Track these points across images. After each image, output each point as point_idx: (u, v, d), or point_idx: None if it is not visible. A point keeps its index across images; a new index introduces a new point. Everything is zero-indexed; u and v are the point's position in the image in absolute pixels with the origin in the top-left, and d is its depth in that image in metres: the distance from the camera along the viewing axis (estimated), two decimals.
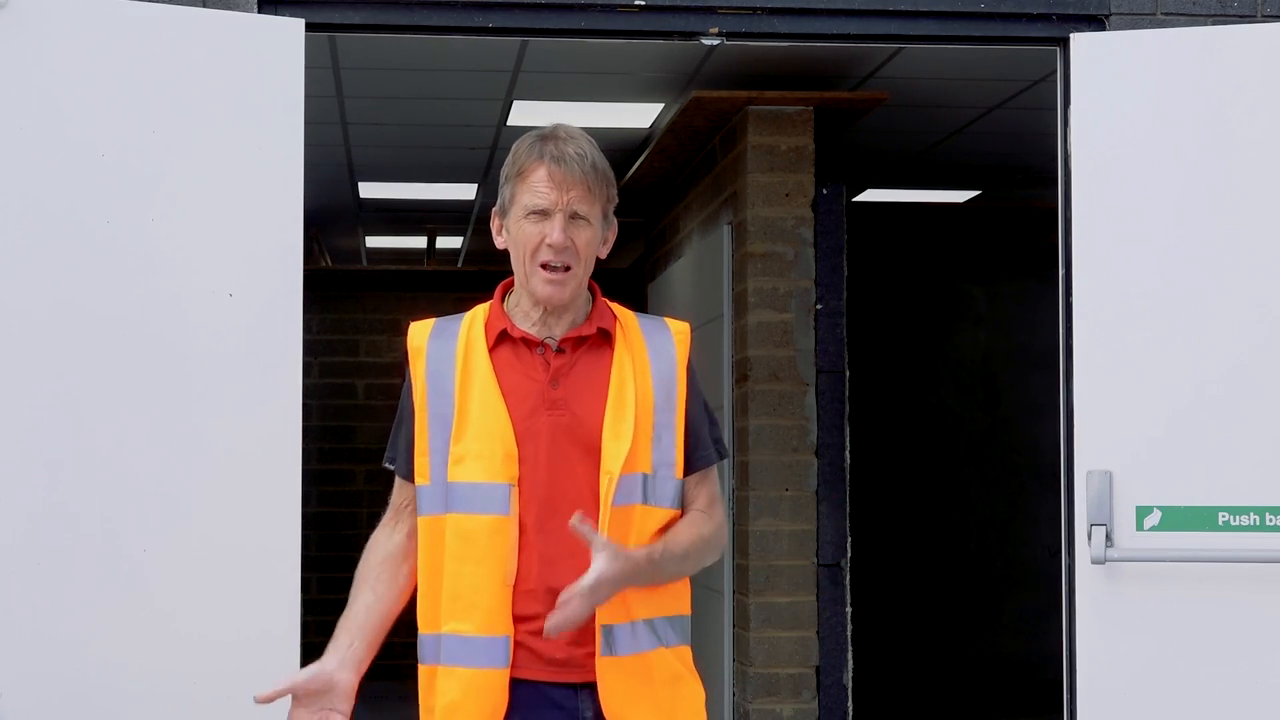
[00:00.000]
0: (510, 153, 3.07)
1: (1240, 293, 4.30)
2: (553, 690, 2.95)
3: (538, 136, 3.04)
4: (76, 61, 4.07)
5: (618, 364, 3.03)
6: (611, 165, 3.12)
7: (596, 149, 3.04)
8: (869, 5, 4.55)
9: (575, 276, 3.01)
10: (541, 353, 3.02)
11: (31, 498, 4.00)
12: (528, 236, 3.00)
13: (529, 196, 3.00)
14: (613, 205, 3.07)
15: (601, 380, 3.02)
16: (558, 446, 2.97)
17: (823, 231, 7.07)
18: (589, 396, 3.00)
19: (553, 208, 2.98)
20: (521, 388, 3.00)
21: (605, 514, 2.94)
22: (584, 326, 3.05)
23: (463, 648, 2.93)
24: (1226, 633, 4.26)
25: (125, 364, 4.07)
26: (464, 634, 2.93)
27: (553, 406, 2.99)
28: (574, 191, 2.98)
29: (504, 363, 3.02)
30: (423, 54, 6.77)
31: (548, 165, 2.99)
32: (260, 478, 4.15)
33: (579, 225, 3.00)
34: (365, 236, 11.83)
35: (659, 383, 3.04)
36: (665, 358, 3.07)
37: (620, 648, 2.94)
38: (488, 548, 2.93)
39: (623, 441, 2.97)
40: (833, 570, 6.97)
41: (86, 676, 4.00)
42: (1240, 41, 4.37)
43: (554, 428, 2.98)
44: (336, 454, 11.88)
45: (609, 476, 2.95)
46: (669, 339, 3.10)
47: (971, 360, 10.90)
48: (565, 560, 2.93)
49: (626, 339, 3.06)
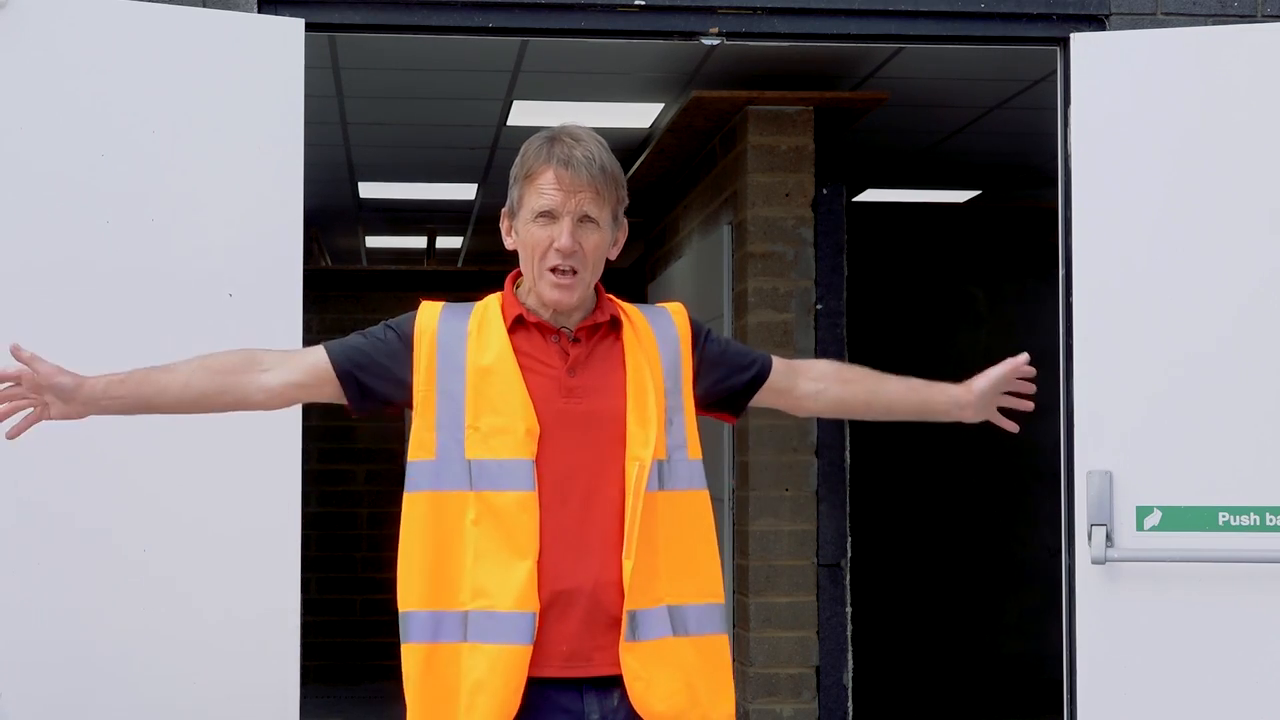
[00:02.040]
0: (519, 153, 3.05)
1: (1240, 293, 4.30)
2: (559, 693, 2.93)
3: (547, 138, 3.02)
4: (76, 61, 4.07)
5: (630, 352, 3.03)
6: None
7: (606, 150, 3.02)
8: (869, 5, 4.55)
9: (583, 280, 3.00)
10: (557, 340, 3.02)
11: (32, 498, 4.00)
12: (536, 239, 2.99)
13: (537, 199, 2.99)
14: (623, 206, 3.07)
15: (617, 369, 3.02)
16: (572, 435, 2.96)
17: (823, 231, 7.07)
18: (605, 386, 3.00)
19: (560, 211, 2.97)
20: (538, 374, 2.99)
21: (638, 503, 2.93)
22: (596, 314, 3.05)
23: (491, 623, 2.89)
24: (1227, 633, 4.26)
25: (126, 364, 4.06)
26: (494, 610, 2.89)
27: (569, 394, 2.98)
28: (582, 195, 2.97)
29: (520, 347, 3.01)
30: (423, 54, 6.77)
31: (555, 168, 2.97)
32: (260, 478, 4.14)
33: (587, 228, 2.99)
34: (365, 236, 11.83)
35: (667, 367, 3.05)
36: (669, 340, 3.08)
37: (642, 633, 2.92)
38: (516, 523, 2.91)
39: (649, 429, 2.97)
40: (833, 570, 6.97)
41: (87, 674, 4.00)
42: (1240, 41, 4.37)
43: (570, 416, 2.97)
44: (336, 454, 11.88)
45: (639, 463, 2.95)
46: (669, 320, 3.11)
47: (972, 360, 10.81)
48: (576, 553, 2.93)
49: (634, 328, 3.07)
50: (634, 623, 2.92)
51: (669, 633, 2.95)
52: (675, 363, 3.07)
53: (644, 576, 2.94)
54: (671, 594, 2.97)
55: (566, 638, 2.92)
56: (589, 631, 2.93)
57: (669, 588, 2.97)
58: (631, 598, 2.92)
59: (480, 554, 2.92)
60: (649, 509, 2.96)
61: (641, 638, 2.93)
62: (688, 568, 3.02)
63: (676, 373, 3.07)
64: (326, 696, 10.30)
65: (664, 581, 2.96)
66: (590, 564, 2.92)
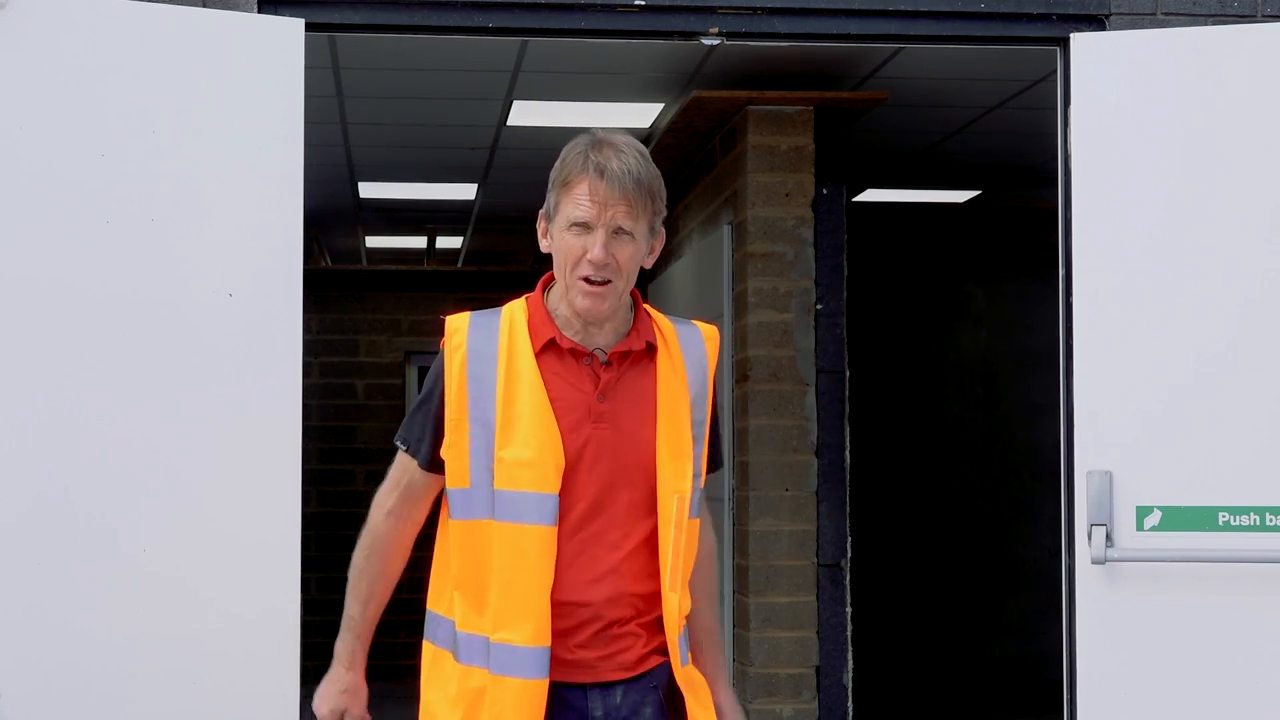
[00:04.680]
0: (560, 157, 3.02)
1: (1240, 292, 4.30)
2: (563, 690, 2.97)
3: (587, 145, 2.99)
4: (76, 61, 4.07)
5: (663, 381, 3.03)
6: None
7: (645, 160, 2.99)
8: (869, 5, 4.55)
9: (615, 290, 3.00)
10: (589, 364, 3.01)
11: (32, 498, 3.99)
12: (570, 248, 2.98)
13: (572, 209, 2.97)
14: (660, 218, 3.04)
15: (648, 397, 3.02)
16: (600, 461, 2.98)
17: (823, 231, 7.07)
18: (636, 413, 3.01)
19: (595, 223, 2.96)
20: (568, 398, 2.99)
21: (681, 535, 2.99)
22: (631, 339, 3.04)
23: (512, 658, 2.93)
24: (1227, 633, 4.25)
25: (126, 364, 4.06)
26: (514, 644, 2.93)
27: (599, 420, 2.99)
28: (617, 208, 2.95)
29: (550, 370, 3.00)
30: (423, 54, 6.77)
31: (591, 179, 2.95)
32: (260, 478, 4.14)
33: (622, 240, 2.97)
34: (365, 236, 11.83)
35: (694, 394, 3.07)
36: (699, 367, 3.09)
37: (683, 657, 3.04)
38: (539, 559, 2.94)
39: (685, 461, 2.99)
40: (833, 570, 6.97)
41: (87, 673, 4.00)
42: (1240, 41, 4.37)
43: (599, 442, 2.98)
44: (336, 454, 11.88)
45: (678, 496, 2.98)
46: (701, 345, 3.11)
47: (971, 360, 10.90)
48: (592, 574, 2.97)
49: (669, 353, 3.06)
50: (681, 647, 3.03)
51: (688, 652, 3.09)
52: (702, 389, 3.08)
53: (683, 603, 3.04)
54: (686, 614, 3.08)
55: (573, 649, 2.98)
56: (596, 645, 2.99)
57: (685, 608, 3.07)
58: (677, 625, 3.00)
59: (505, 585, 2.95)
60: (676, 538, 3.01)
61: (684, 662, 3.04)
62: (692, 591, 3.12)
63: (702, 399, 3.08)
64: None
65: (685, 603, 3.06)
66: (603, 589, 2.97)
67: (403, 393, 12.14)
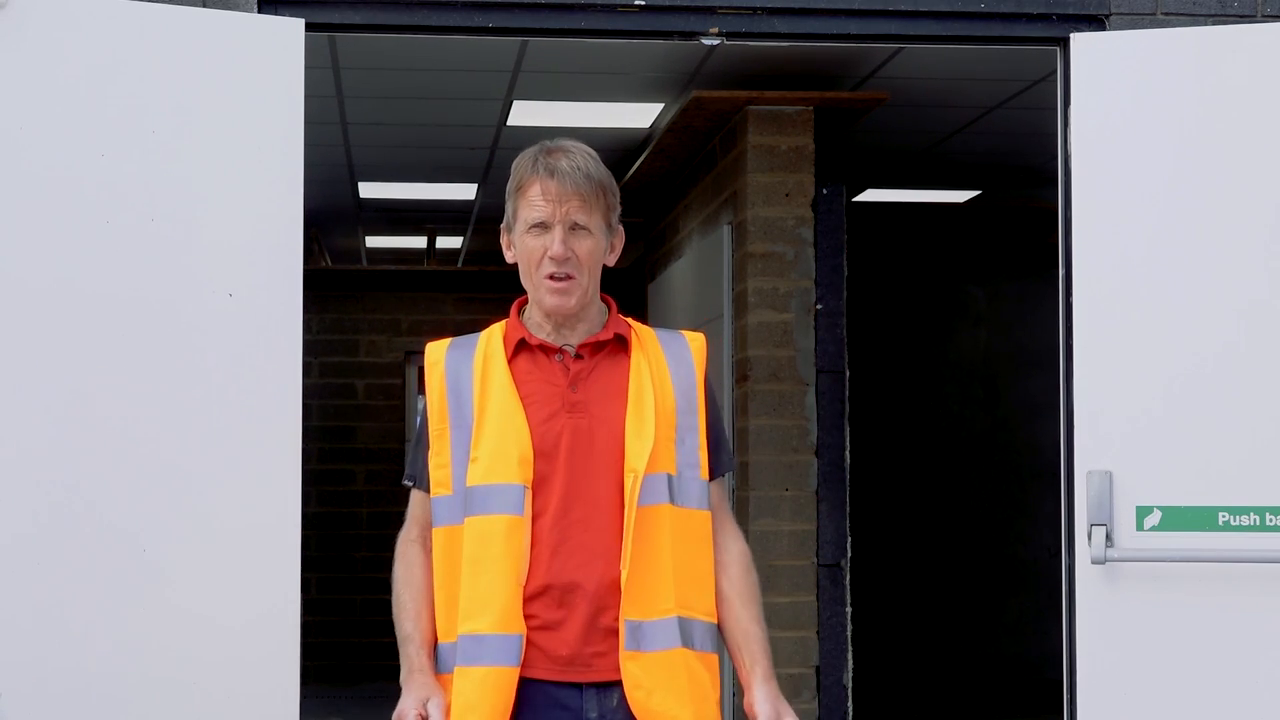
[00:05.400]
0: (512, 169, 3.13)
1: (1240, 292, 4.30)
2: (558, 690, 2.98)
3: (536, 151, 3.10)
4: (76, 61, 4.07)
5: (635, 368, 3.09)
6: (611, 165, 3.14)
7: (594, 160, 3.09)
8: (869, 5, 4.55)
9: (580, 285, 3.06)
10: (560, 359, 3.08)
11: (33, 498, 3.99)
12: (531, 250, 3.07)
13: (528, 211, 3.07)
14: (615, 214, 3.13)
15: (620, 384, 3.08)
16: (577, 448, 3.03)
17: (823, 231, 7.07)
18: (608, 399, 3.06)
19: (551, 220, 3.05)
20: (541, 393, 3.06)
21: (631, 513, 2.99)
22: (601, 333, 3.11)
23: (477, 647, 2.97)
24: (1227, 633, 4.25)
25: (126, 364, 4.06)
26: (479, 633, 2.96)
27: (572, 409, 3.05)
28: (570, 203, 3.04)
29: (523, 370, 3.08)
30: (423, 54, 6.77)
31: (542, 179, 3.05)
32: (260, 477, 4.14)
33: (579, 235, 3.06)
34: (365, 236, 11.84)
35: (679, 388, 3.11)
36: (684, 364, 3.14)
37: (646, 643, 2.97)
38: (504, 548, 2.98)
39: (645, 441, 3.02)
40: (833, 570, 6.97)
41: (87, 673, 4.00)
42: (1240, 41, 4.37)
43: (574, 430, 3.03)
44: (336, 454, 11.89)
45: (634, 475, 3.00)
46: (685, 347, 3.17)
47: (971, 360, 10.91)
48: (578, 560, 2.99)
49: (643, 346, 3.12)
50: (637, 632, 2.98)
51: (678, 644, 3.01)
52: (690, 386, 3.13)
53: (647, 586, 3.00)
54: (683, 607, 3.03)
55: (567, 644, 2.98)
56: (590, 639, 2.99)
57: (681, 600, 3.03)
58: (630, 606, 2.97)
59: (471, 578, 2.99)
60: (654, 520, 3.01)
61: (646, 648, 2.98)
62: (696, 584, 3.09)
63: (691, 395, 3.12)
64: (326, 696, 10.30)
65: (676, 594, 3.02)
66: (591, 574, 2.98)
67: (403, 393, 12.16)
